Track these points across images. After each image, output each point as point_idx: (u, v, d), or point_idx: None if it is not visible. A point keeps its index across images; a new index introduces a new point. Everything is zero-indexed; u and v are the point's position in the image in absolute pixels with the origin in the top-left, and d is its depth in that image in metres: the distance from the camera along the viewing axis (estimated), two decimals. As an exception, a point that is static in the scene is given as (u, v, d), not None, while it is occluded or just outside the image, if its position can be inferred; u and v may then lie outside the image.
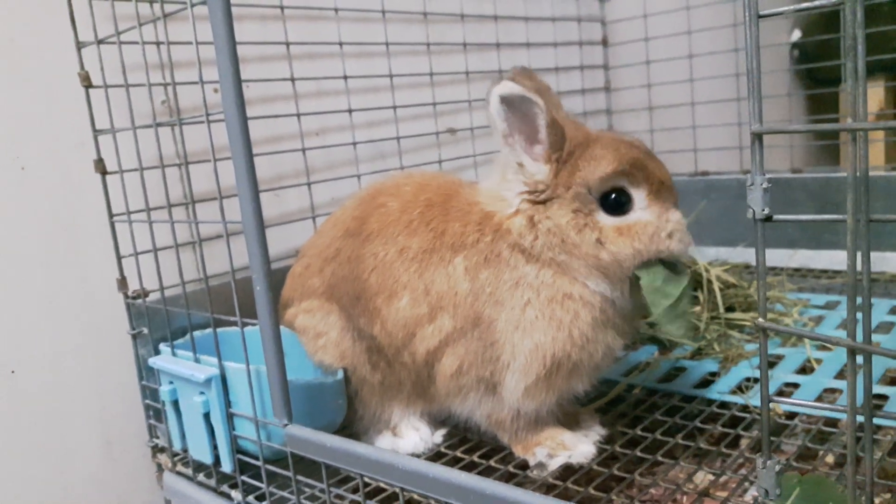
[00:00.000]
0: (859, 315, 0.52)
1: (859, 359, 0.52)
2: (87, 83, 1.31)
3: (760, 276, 0.55)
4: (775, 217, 0.53)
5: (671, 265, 1.17)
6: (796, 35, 3.51)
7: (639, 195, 1.15)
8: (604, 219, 1.14)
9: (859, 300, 0.51)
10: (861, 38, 0.47)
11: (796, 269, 2.13)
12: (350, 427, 1.36)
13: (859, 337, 0.50)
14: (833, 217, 0.51)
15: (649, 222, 1.14)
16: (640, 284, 1.15)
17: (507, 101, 1.10)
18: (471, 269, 1.19)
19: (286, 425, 1.05)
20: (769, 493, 0.57)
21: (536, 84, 1.25)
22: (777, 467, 0.56)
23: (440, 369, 1.23)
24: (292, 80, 1.64)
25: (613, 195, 1.14)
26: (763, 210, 0.52)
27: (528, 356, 1.16)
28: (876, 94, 3.16)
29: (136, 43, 1.19)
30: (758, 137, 0.52)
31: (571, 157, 1.14)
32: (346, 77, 1.75)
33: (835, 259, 2.10)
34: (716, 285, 1.70)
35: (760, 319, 0.55)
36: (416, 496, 1.17)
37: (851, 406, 0.50)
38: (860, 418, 0.55)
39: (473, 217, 1.22)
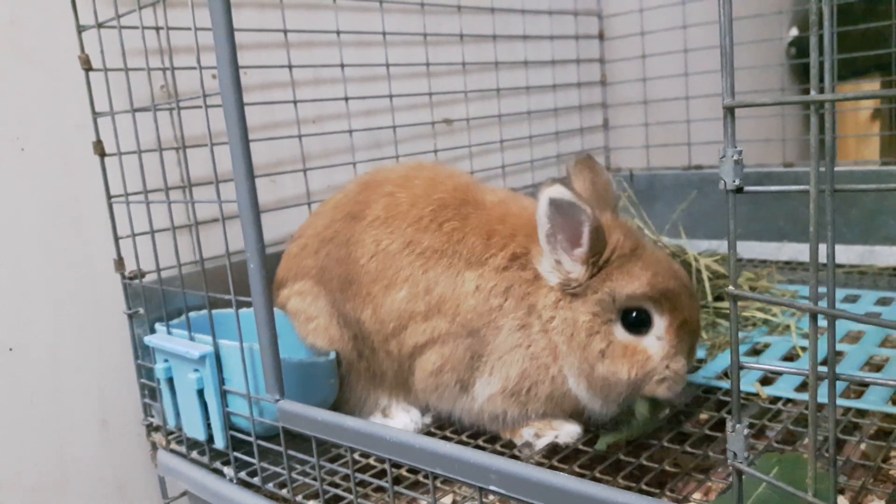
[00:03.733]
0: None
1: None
2: (87, 66, 1.33)
3: (731, 245, 0.57)
4: (746, 189, 0.55)
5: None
6: (793, 32, 3.54)
7: (660, 323, 1.16)
8: (618, 333, 1.15)
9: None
10: (826, 12, 0.49)
11: (786, 262, 2.15)
12: (339, 411, 1.38)
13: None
14: (801, 188, 0.53)
15: (653, 357, 1.15)
16: (636, 411, 1.21)
17: (556, 203, 1.10)
18: (483, 291, 1.20)
19: (278, 400, 1.07)
20: (737, 455, 0.59)
21: (596, 177, 1.26)
22: (746, 431, 0.59)
23: (421, 363, 1.26)
24: (290, 67, 1.66)
25: (635, 314, 1.15)
26: (734, 181, 0.55)
27: (498, 378, 1.21)
28: (871, 90, 3.19)
29: (136, 28, 1.21)
30: (730, 111, 0.54)
31: (609, 264, 1.15)
32: (343, 65, 1.77)
33: (823, 252, 2.13)
34: (704, 275, 1.72)
35: (731, 288, 0.57)
36: (404, 472, 1.20)
37: (813, 367, 0.52)
38: (833, 406, 0.57)
39: (512, 245, 1.22)
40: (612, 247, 1.15)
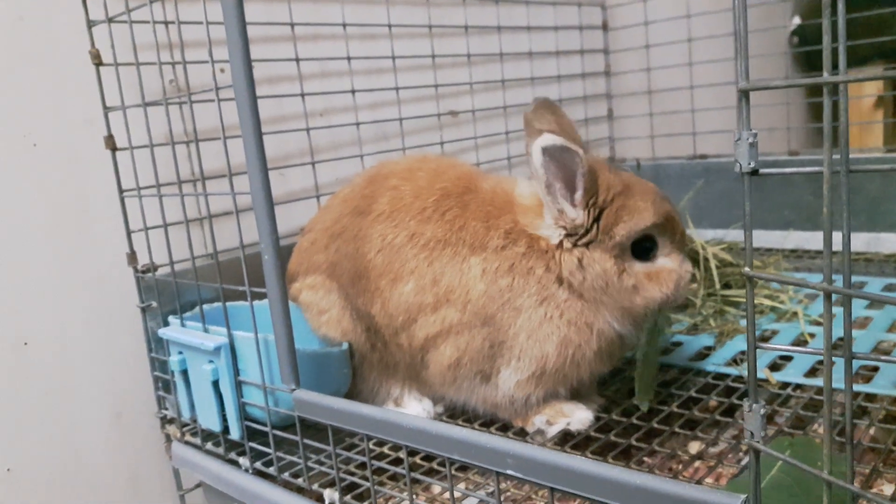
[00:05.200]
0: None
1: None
2: (98, 61, 1.34)
3: (747, 227, 0.58)
4: (761, 171, 0.56)
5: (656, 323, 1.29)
6: (796, 21, 3.53)
7: (663, 243, 1.23)
8: (635, 265, 1.21)
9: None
10: (840, -2, 0.50)
11: (792, 251, 2.16)
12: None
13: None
14: (814, 169, 0.54)
15: (673, 270, 1.22)
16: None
17: (548, 152, 1.13)
18: (489, 273, 1.21)
19: (294, 390, 1.08)
20: (754, 434, 0.60)
21: (560, 119, 1.28)
22: (762, 411, 0.60)
23: (436, 357, 1.26)
24: (297, 60, 1.67)
25: (642, 242, 1.21)
26: (749, 164, 0.56)
27: (531, 360, 1.21)
28: (884, 72, 3.19)
29: (147, 22, 1.22)
30: (744, 94, 0.55)
31: (611, 204, 1.19)
32: (349, 58, 1.78)
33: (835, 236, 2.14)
34: (712, 263, 1.73)
35: (747, 269, 0.58)
36: (418, 460, 1.21)
37: (827, 345, 0.53)
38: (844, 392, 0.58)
39: (502, 223, 1.24)
40: (605, 186, 1.19)
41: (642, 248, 1.21)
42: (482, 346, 1.22)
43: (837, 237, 0.56)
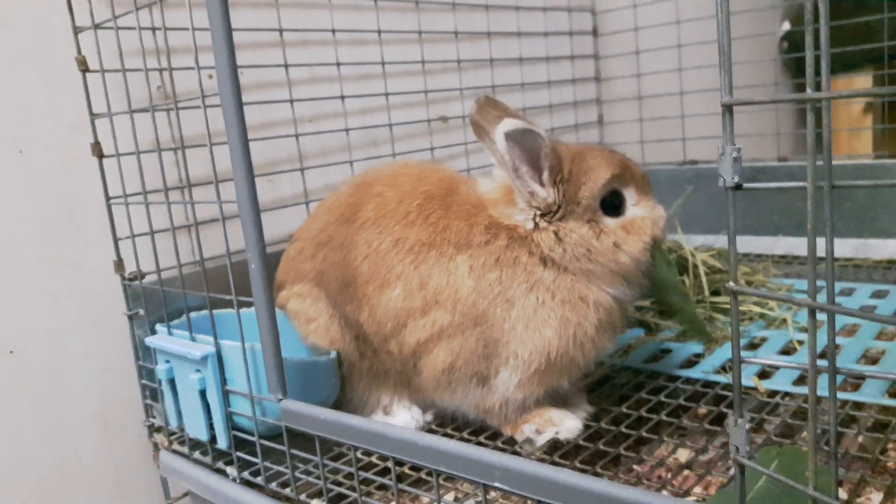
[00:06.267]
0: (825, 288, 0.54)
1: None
2: (84, 67, 1.33)
3: (731, 241, 0.58)
4: (745, 185, 0.56)
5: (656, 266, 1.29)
6: (785, 27, 3.55)
7: (629, 193, 1.25)
8: (609, 222, 1.22)
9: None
10: (822, 9, 0.50)
11: (782, 256, 2.16)
12: (340, 410, 1.38)
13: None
14: (800, 184, 0.54)
15: (646, 216, 1.24)
16: (660, 278, 1.28)
17: (511, 136, 1.14)
18: (476, 269, 1.21)
19: (281, 400, 1.07)
20: (739, 449, 0.60)
21: (505, 112, 1.28)
22: (747, 425, 0.59)
23: (429, 362, 1.25)
24: (286, 66, 1.66)
25: (609, 199, 1.23)
26: (733, 178, 0.55)
27: (532, 351, 1.20)
28: (864, 84, 3.20)
29: (133, 28, 1.21)
30: (728, 109, 0.55)
31: (571, 175, 1.21)
32: (338, 64, 1.77)
33: (819, 246, 2.14)
34: (701, 270, 1.73)
35: (731, 283, 0.58)
36: (406, 470, 1.20)
37: (812, 361, 0.53)
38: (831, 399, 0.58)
39: (481, 220, 1.24)
40: (565, 159, 1.21)
41: (611, 204, 1.23)
42: (476, 346, 1.21)
43: (822, 243, 0.56)
